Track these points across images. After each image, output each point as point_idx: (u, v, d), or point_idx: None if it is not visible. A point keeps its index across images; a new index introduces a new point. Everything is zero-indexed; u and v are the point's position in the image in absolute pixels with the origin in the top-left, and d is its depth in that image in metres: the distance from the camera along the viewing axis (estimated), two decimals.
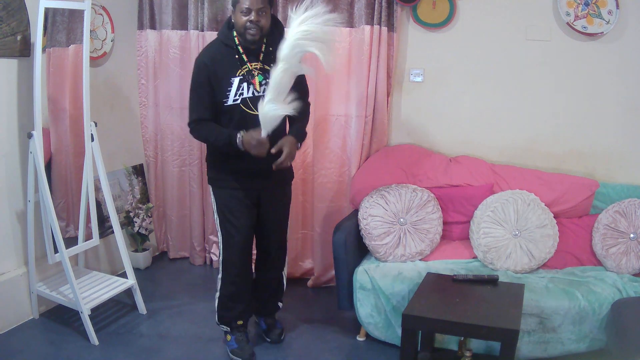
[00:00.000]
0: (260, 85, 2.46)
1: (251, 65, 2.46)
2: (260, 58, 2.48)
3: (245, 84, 2.44)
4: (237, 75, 2.44)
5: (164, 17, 3.54)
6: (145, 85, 3.70)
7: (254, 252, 2.88)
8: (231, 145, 2.42)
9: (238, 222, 2.60)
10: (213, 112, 2.49)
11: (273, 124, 2.37)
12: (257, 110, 2.39)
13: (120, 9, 3.48)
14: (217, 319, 2.77)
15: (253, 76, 2.46)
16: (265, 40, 2.49)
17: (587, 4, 2.95)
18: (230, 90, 2.43)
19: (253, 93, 2.46)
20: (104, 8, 3.33)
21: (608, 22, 2.94)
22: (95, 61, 3.30)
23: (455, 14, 3.16)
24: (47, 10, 2.72)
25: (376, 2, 3.12)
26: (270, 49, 2.47)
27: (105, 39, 3.38)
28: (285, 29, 2.49)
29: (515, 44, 3.12)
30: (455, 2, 3.15)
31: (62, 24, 2.97)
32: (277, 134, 2.45)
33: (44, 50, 2.82)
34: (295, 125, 2.59)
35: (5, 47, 2.74)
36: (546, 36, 3.07)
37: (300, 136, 2.59)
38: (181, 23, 3.52)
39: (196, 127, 2.52)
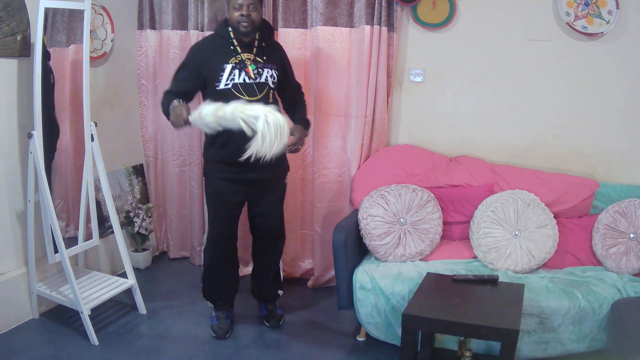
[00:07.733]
0: (254, 73, 2.67)
1: (244, 56, 2.68)
2: (254, 51, 2.71)
3: (237, 71, 2.64)
4: (229, 62, 2.65)
5: (164, 17, 3.54)
6: (145, 85, 3.70)
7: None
8: (169, 108, 2.57)
9: (222, 206, 2.80)
10: (187, 92, 2.68)
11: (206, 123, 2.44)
12: (247, 96, 2.63)
13: (120, 9, 3.48)
14: (202, 293, 3.02)
15: (246, 65, 2.66)
16: (257, 36, 2.73)
17: (587, 4, 2.95)
18: (222, 75, 2.64)
19: (244, 80, 2.66)
20: (104, 8, 3.33)
21: (608, 22, 2.94)
22: (95, 61, 3.30)
23: (455, 14, 3.16)
24: (47, 10, 2.72)
25: (376, 2, 3.12)
26: (263, 44, 2.74)
27: (105, 39, 3.38)
28: (273, 30, 2.82)
29: (515, 44, 3.12)
30: (455, 2, 3.15)
31: (62, 24, 2.97)
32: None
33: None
34: (299, 115, 2.88)
35: (5, 47, 2.74)
36: (546, 36, 3.08)
37: (306, 124, 2.89)
38: (181, 23, 3.52)
39: (164, 95, 2.69)
